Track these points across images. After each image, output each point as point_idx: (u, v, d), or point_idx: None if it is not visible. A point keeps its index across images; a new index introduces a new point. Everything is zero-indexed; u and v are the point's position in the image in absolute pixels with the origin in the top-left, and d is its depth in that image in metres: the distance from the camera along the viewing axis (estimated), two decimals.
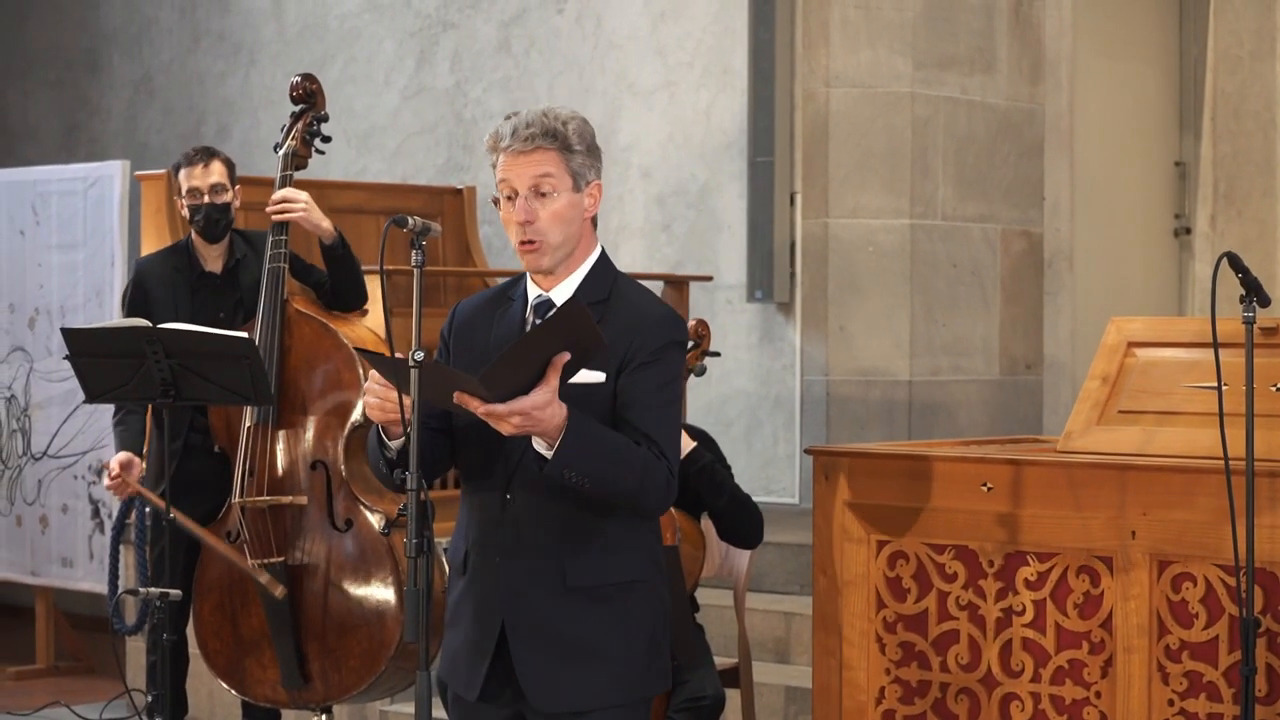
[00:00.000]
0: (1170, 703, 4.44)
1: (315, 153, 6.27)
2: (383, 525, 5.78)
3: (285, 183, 6.10)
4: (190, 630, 6.09)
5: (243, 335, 5.72)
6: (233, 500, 5.92)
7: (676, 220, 9.18)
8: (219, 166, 6.22)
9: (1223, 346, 4.33)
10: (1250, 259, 4.49)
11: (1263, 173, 9.47)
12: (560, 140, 3.79)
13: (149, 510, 6.54)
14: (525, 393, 3.60)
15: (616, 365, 3.78)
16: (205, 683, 7.20)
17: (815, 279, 8.72)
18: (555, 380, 3.60)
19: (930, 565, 4.73)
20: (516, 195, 3.80)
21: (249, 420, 5.95)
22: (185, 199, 6.21)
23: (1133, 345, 4.85)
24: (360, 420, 5.88)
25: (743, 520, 5.56)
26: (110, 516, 8.36)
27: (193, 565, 6.03)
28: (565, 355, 3.59)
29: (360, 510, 5.83)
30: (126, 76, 11.20)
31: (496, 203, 3.86)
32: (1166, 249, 9.81)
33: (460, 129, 9.89)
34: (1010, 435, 8.16)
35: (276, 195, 6.06)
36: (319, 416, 5.92)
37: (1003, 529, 4.62)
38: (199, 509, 6.00)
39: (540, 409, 3.60)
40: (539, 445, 3.68)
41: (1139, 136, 9.68)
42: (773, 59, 8.71)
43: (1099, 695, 4.52)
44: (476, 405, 3.61)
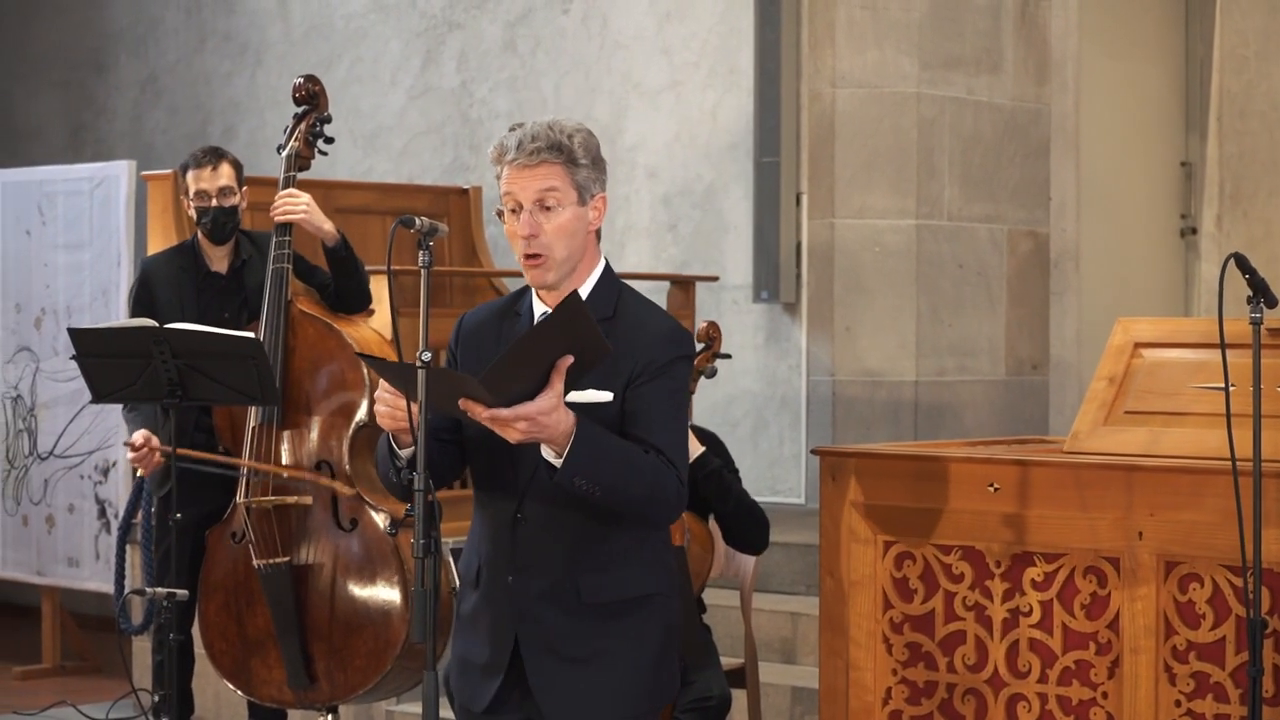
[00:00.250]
0: (1177, 703, 4.43)
1: (318, 154, 6.28)
2: (388, 524, 5.78)
3: (288, 184, 6.10)
4: (196, 630, 6.10)
5: (250, 336, 5.73)
6: (238, 500, 5.92)
7: (682, 220, 9.18)
8: (227, 169, 6.22)
9: (1230, 347, 4.32)
10: (1256, 259, 4.48)
11: (1269, 173, 9.46)
12: (565, 154, 3.77)
13: (155, 510, 6.54)
14: (530, 398, 3.59)
15: (624, 382, 3.77)
16: (211, 682, 7.20)
17: (821, 279, 8.71)
18: (560, 385, 3.59)
19: (937, 566, 4.73)
20: (521, 209, 3.78)
21: (254, 421, 5.95)
22: (192, 201, 6.21)
23: (1139, 346, 4.84)
24: (365, 420, 5.88)
25: (748, 526, 5.56)
26: (116, 516, 8.36)
27: (198, 565, 6.04)
28: (569, 359, 3.58)
29: (365, 510, 5.83)
30: (132, 77, 11.20)
31: (500, 215, 3.84)
32: (1172, 249, 9.80)
33: (466, 129, 9.89)
34: (1016, 436, 8.16)
35: (279, 196, 6.06)
36: (324, 417, 5.93)
37: (1009, 530, 4.61)
38: (204, 508, 6.01)
39: (546, 414, 3.58)
40: (547, 453, 3.66)
41: (1145, 137, 9.67)
42: (779, 59, 8.70)
43: (1106, 696, 4.52)
44: (480, 411, 3.60)
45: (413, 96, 10.09)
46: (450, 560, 5.13)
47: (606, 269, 3.90)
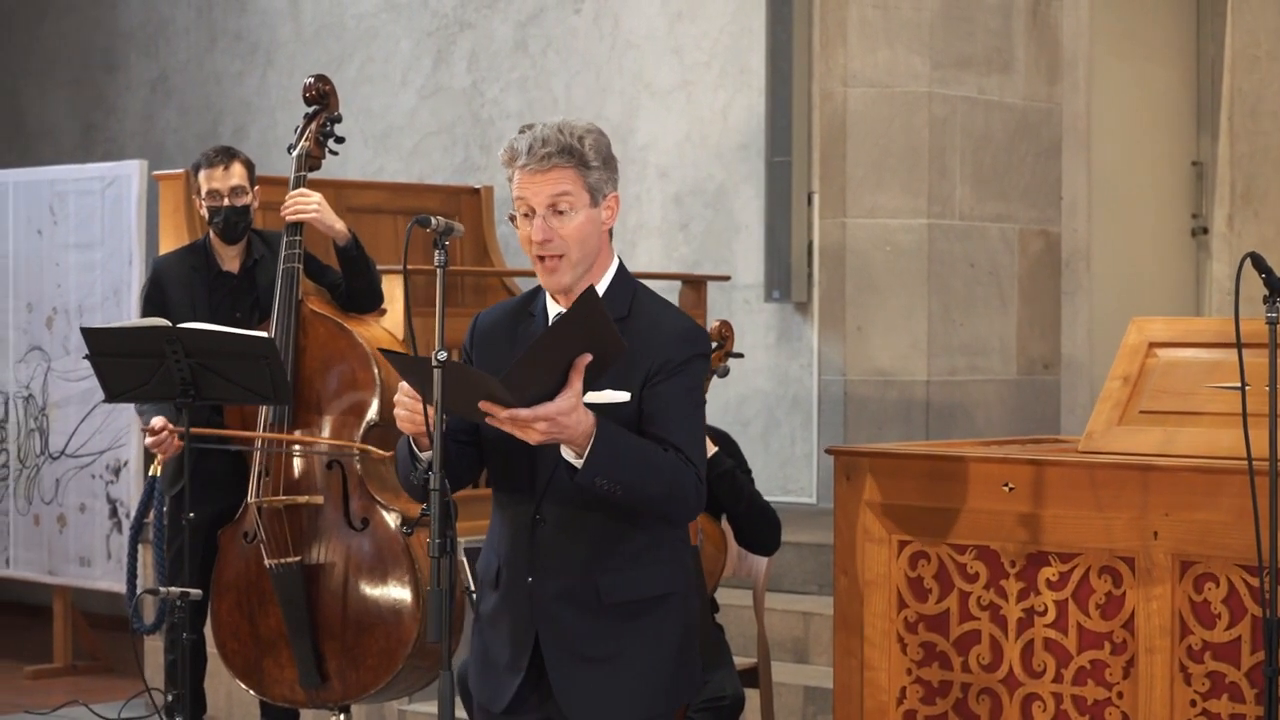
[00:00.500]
0: (1192, 703, 4.42)
1: (329, 153, 6.28)
2: (399, 523, 5.78)
3: (299, 184, 6.10)
4: (208, 629, 6.10)
5: (263, 335, 5.73)
6: (249, 500, 5.92)
7: (694, 220, 9.18)
8: (239, 168, 6.22)
9: (1245, 346, 4.31)
10: (1268, 259, 4.46)
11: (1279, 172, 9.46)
12: (577, 157, 3.76)
13: (167, 510, 6.54)
14: (548, 398, 3.59)
15: (640, 382, 3.77)
16: (223, 682, 7.20)
17: (832, 279, 8.71)
18: (579, 384, 3.59)
19: (952, 565, 4.72)
20: (534, 213, 3.77)
21: (265, 420, 5.95)
22: (204, 200, 6.21)
23: (1154, 346, 4.83)
24: (375, 420, 5.88)
25: (761, 526, 5.55)
26: (128, 516, 8.36)
27: (210, 564, 6.04)
28: (587, 357, 3.57)
29: (376, 509, 5.83)
30: (143, 76, 11.21)
31: (513, 219, 3.83)
32: (1183, 249, 9.79)
33: (477, 129, 9.88)
34: (1028, 435, 8.15)
35: (290, 195, 6.06)
36: (335, 416, 5.92)
37: (1024, 529, 4.60)
38: (215, 508, 6.01)
39: (566, 414, 3.58)
40: (568, 454, 3.66)
41: (1156, 136, 9.66)
42: (790, 59, 8.69)
43: (1121, 696, 4.51)
44: (500, 412, 3.59)
45: (423, 96, 10.09)
46: (464, 560, 5.13)
47: (620, 268, 3.90)
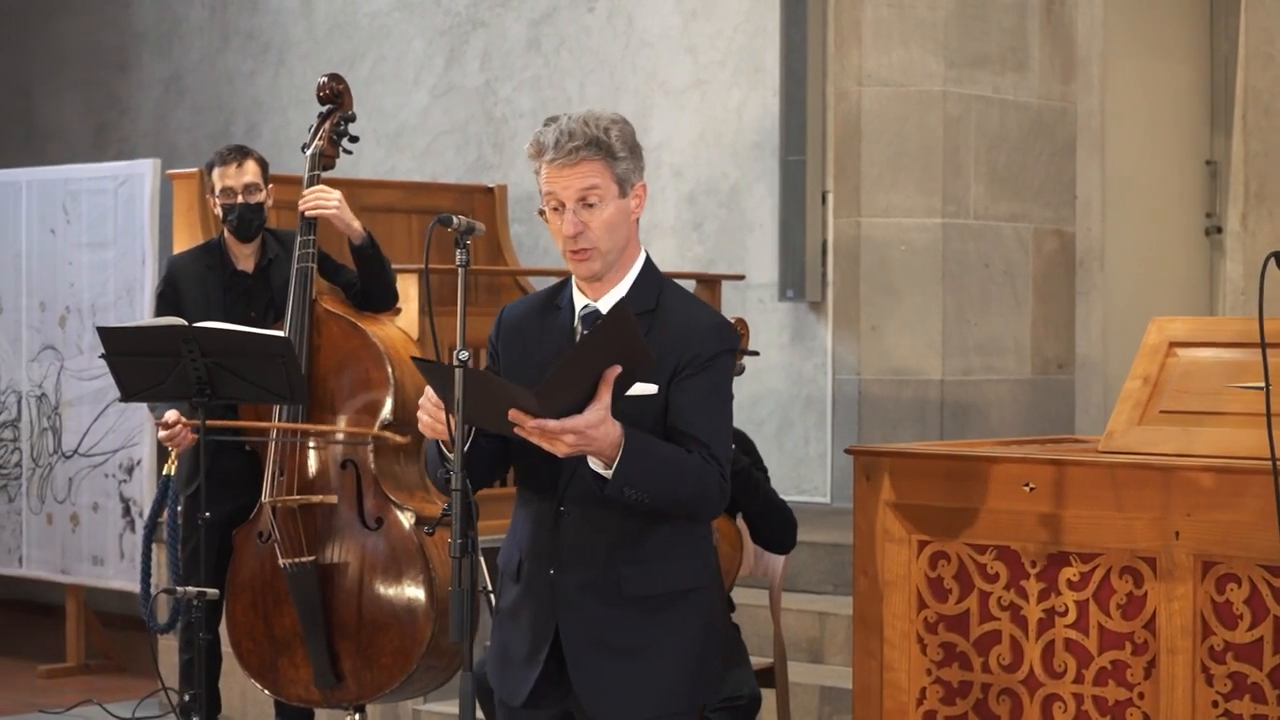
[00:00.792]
0: (1214, 704, 4.40)
1: (343, 153, 6.27)
2: (413, 523, 5.77)
3: (313, 183, 6.11)
4: (223, 629, 6.09)
5: (279, 334, 5.73)
6: (264, 500, 5.91)
7: (708, 219, 9.16)
8: (252, 166, 6.21)
9: (1269, 346, 4.29)
10: None
11: None
12: (604, 149, 3.78)
13: (181, 509, 6.54)
14: (577, 410, 3.60)
15: (668, 375, 3.78)
16: (238, 681, 7.20)
17: (847, 278, 8.70)
18: (608, 397, 3.61)
19: (972, 566, 4.70)
20: (563, 207, 3.79)
21: (279, 420, 5.94)
22: (218, 198, 6.20)
23: (1174, 345, 4.81)
24: (390, 419, 5.87)
25: (777, 525, 5.55)
26: (141, 515, 8.36)
27: (225, 564, 6.03)
28: (616, 369, 3.59)
29: (391, 509, 5.82)
30: (156, 75, 11.21)
31: (543, 214, 3.84)
32: (1197, 248, 9.77)
33: (490, 128, 9.87)
34: (1042, 434, 8.12)
35: (310, 191, 6.05)
36: (349, 415, 5.92)
37: (1045, 529, 4.58)
38: (230, 507, 6.00)
39: (594, 427, 3.60)
40: (595, 465, 3.68)
41: (1170, 135, 9.64)
42: (805, 58, 8.68)
43: (1142, 696, 4.49)
44: (528, 422, 3.59)
45: (436, 95, 10.08)
46: (481, 560, 5.12)
47: (648, 260, 3.92)
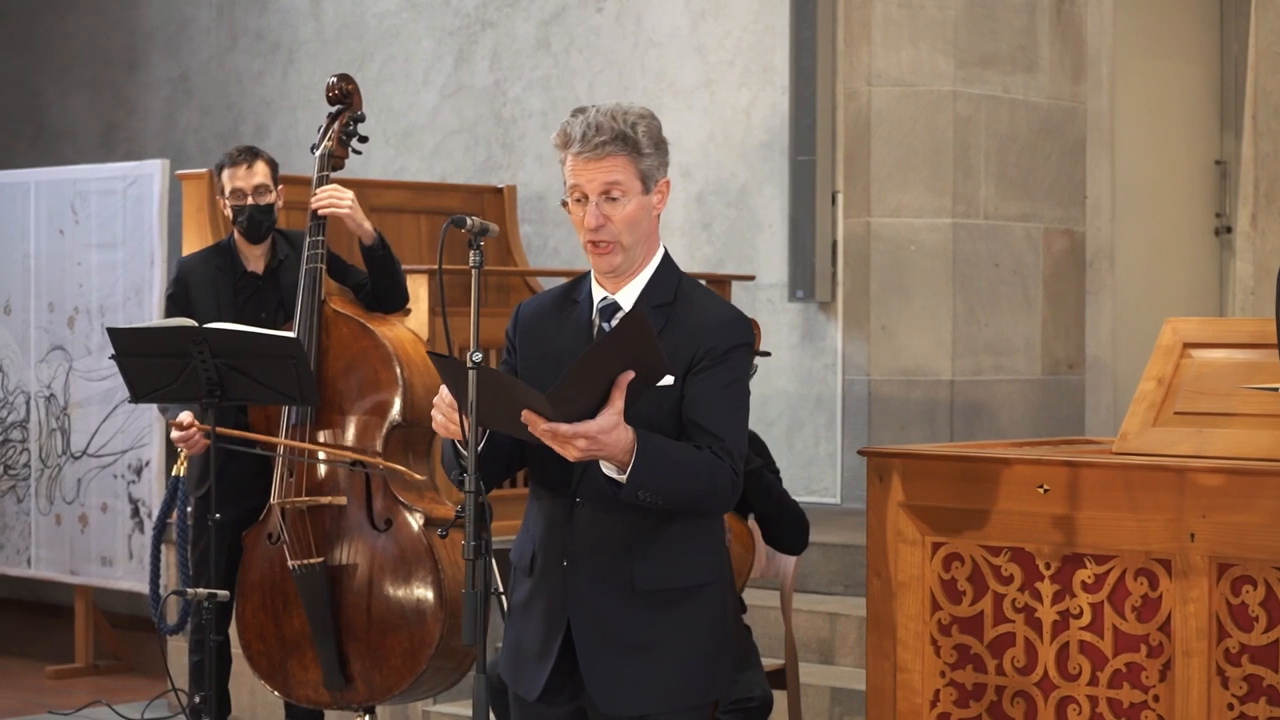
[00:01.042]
0: (1230, 706, 4.39)
1: (352, 153, 6.26)
2: (422, 524, 5.76)
3: (322, 183, 6.09)
4: (232, 630, 6.08)
5: (290, 335, 5.71)
6: (272, 502, 5.90)
7: (717, 219, 9.15)
8: (262, 167, 6.20)
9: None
10: None
11: None
12: (630, 144, 3.79)
13: (191, 510, 6.53)
14: (590, 413, 3.60)
15: (684, 368, 3.79)
16: (247, 682, 7.19)
17: (857, 278, 8.68)
18: (620, 402, 3.61)
19: (986, 567, 4.69)
20: (586, 199, 3.80)
21: (288, 421, 5.92)
22: (228, 200, 6.19)
23: (1188, 346, 4.80)
24: (399, 420, 5.86)
25: (789, 526, 5.54)
26: (150, 516, 8.36)
27: (235, 566, 6.02)
28: (630, 374, 3.59)
29: (400, 510, 5.81)
30: (164, 75, 11.20)
31: (565, 205, 3.86)
32: (1207, 248, 9.75)
33: (499, 128, 9.86)
34: (1052, 435, 8.11)
35: (323, 190, 6.03)
36: (358, 417, 5.90)
37: (1059, 531, 4.57)
38: (240, 509, 5.99)
39: (606, 433, 3.61)
40: (608, 469, 3.69)
41: (1180, 135, 9.63)
42: (814, 57, 8.66)
43: (1157, 699, 4.48)
44: (540, 425, 3.60)
45: (445, 95, 10.07)
46: (493, 562, 5.11)
47: (666, 255, 3.93)
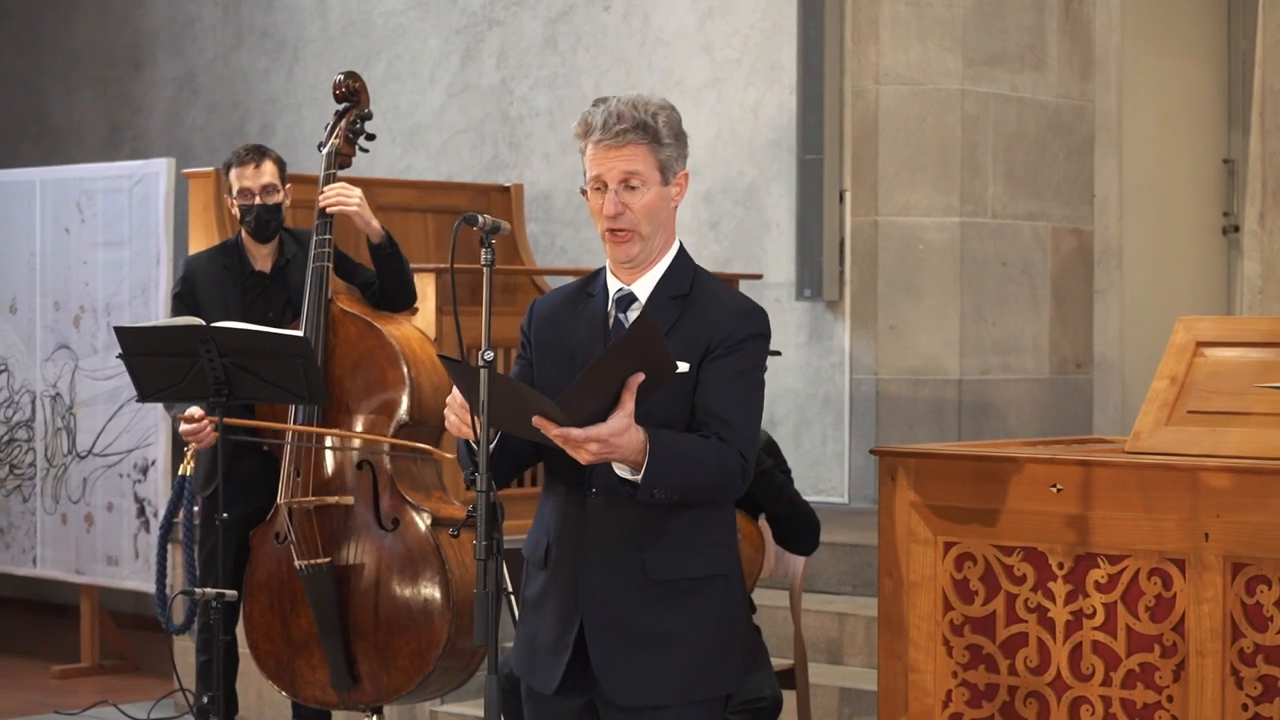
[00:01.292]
0: (1244, 707, 4.37)
1: (359, 151, 6.24)
2: (430, 523, 5.74)
3: (329, 181, 6.08)
4: (239, 630, 6.06)
5: (298, 334, 5.70)
6: (279, 501, 5.88)
7: (724, 218, 9.13)
8: (270, 166, 6.18)
9: None
10: None
11: None
12: (650, 134, 3.82)
13: (198, 510, 6.52)
14: (601, 416, 3.61)
15: (699, 356, 3.81)
16: (254, 682, 7.18)
17: (864, 277, 8.67)
18: (631, 404, 3.63)
19: (998, 567, 4.67)
20: (606, 188, 3.83)
21: (295, 420, 5.91)
22: (236, 199, 6.17)
23: (1201, 345, 4.78)
24: (406, 419, 5.85)
25: (799, 527, 5.53)
26: (156, 515, 8.34)
27: (242, 565, 6.00)
28: (640, 377, 3.61)
29: (407, 509, 5.79)
30: (170, 74, 11.18)
31: (584, 192, 3.89)
32: (1215, 247, 9.74)
33: (506, 127, 9.84)
34: (1060, 434, 8.09)
35: (331, 188, 6.01)
36: (365, 415, 5.89)
37: (1072, 530, 4.55)
38: (247, 508, 5.97)
39: (618, 435, 3.62)
40: (621, 470, 3.71)
41: (1187, 133, 9.61)
42: (822, 55, 8.64)
43: (1171, 699, 4.46)
44: (552, 429, 3.62)
45: (452, 94, 10.05)
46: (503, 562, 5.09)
47: (682, 248, 3.95)
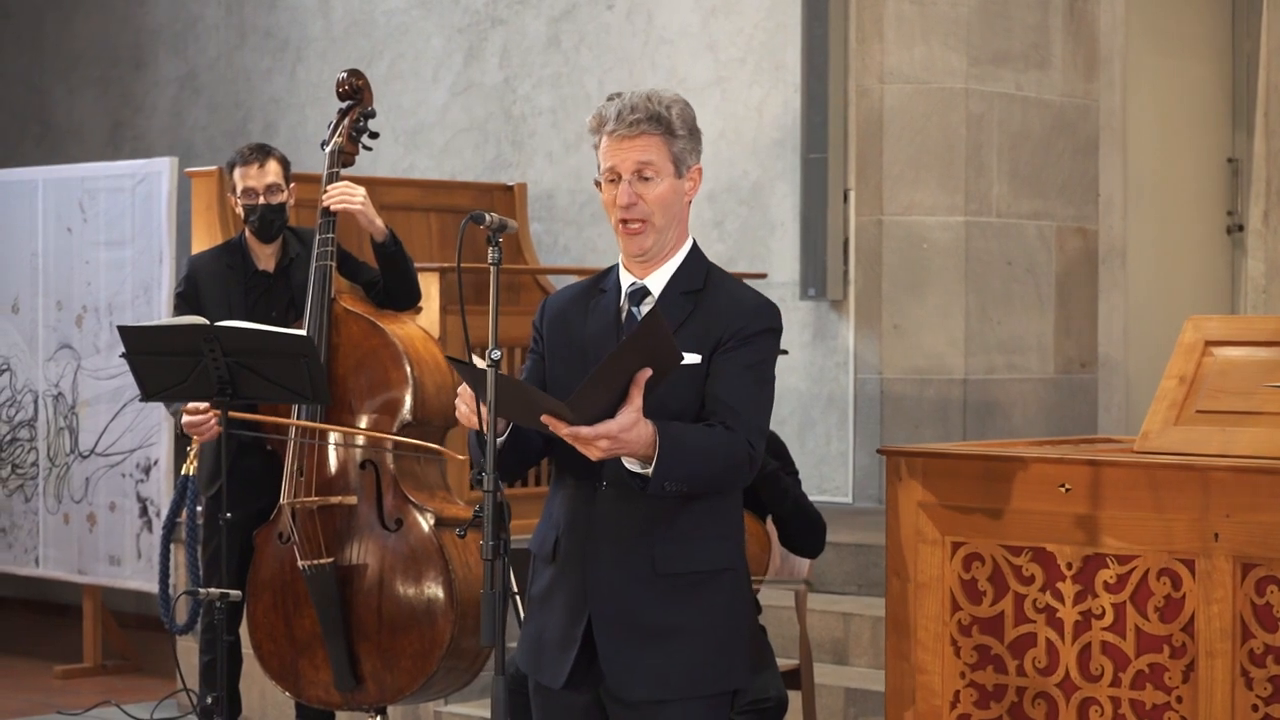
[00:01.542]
0: (1254, 708, 4.35)
1: (362, 149, 6.23)
2: (432, 524, 5.72)
3: (332, 179, 6.06)
4: (243, 630, 6.05)
5: (302, 333, 5.68)
6: (283, 502, 5.86)
7: (729, 217, 9.12)
8: (274, 166, 6.16)
9: None
10: None
11: None
12: (664, 125, 3.84)
13: (201, 509, 6.50)
14: (610, 412, 3.62)
15: (712, 347, 3.82)
16: (257, 682, 7.16)
17: (869, 276, 8.65)
18: (639, 399, 3.64)
19: (1006, 567, 4.65)
20: (619, 179, 3.84)
21: (299, 420, 5.89)
22: (240, 199, 6.16)
23: (1210, 344, 4.76)
24: (410, 419, 5.83)
25: (805, 529, 5.51)
26: (158, 515, 8.33)
27: (246, 565, 5.99)
28: (648, 372, 3.62)
29: (410, 509, 5.78)
30: (172, 73, 11.17)
31: (598, 185, 3.89)
32: (1219, 246, 9.72)
33: (509, 126, 9.83)
34: (1065, 433, 8.07)
35: (335, 186, 5.99)
36: (368, 415, 5.88)
37: (1081, 531, 4.53)
38: (251, 508, 5.96)
39: (627, 430, 3.63)
40: (631, 464, 3.71)
41: (1191, 133, 9.60)
42: (826, 54, 8.63)
43: (1180, 700, 4.44)
44: (562, 428, 3.62)
45: (455, 93, 10.04)
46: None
47: (695, 245, 3.97)
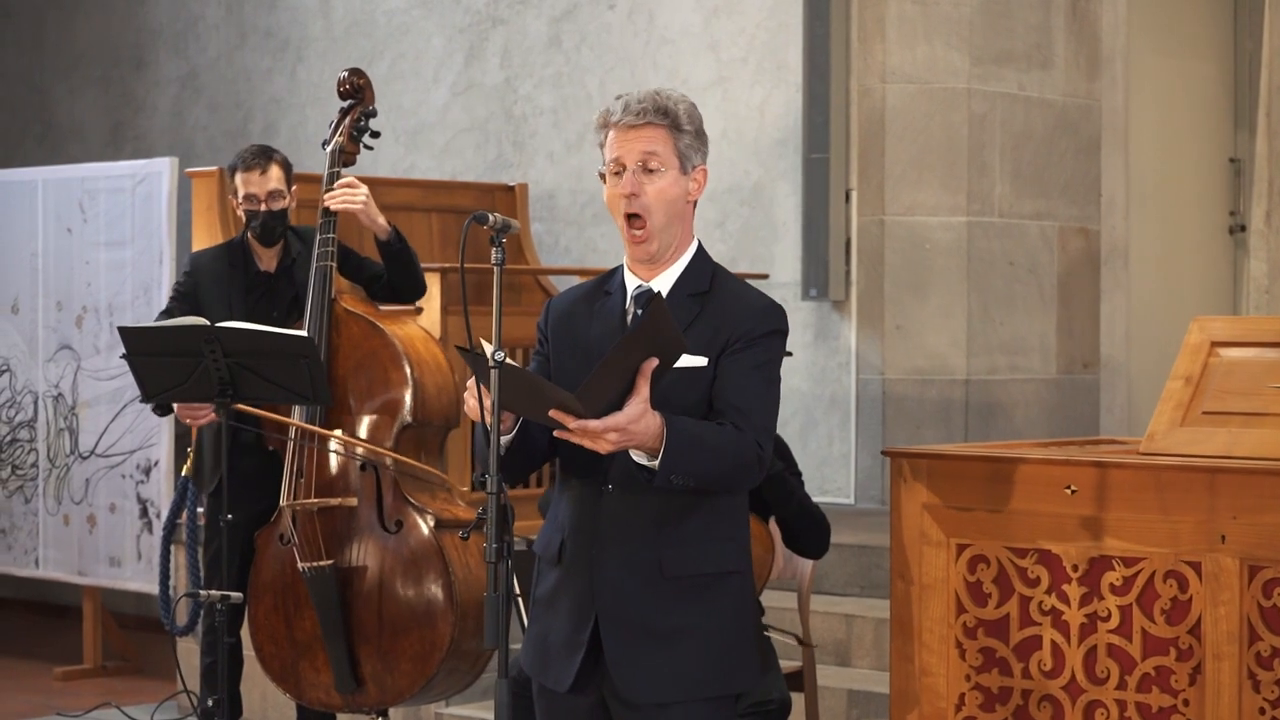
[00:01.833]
0: (1261, 711, 4.33)
1: (363, 148, 6.21)
2: (432, 526, 5.71)
3: (333, 179, 6.05)
4: (244, 632, 6.04)
5: (303, 334, 5.66)
6: (283, 504, 5.85)
7: (730, 217, 9.10)
8: (276, 171, 6.15)
9: None
10: None
11: None
12: (671, 118, 3.84)
13: (202, 511, 6.48)
14: (617, 405, 3.61)
15: (719, 349, 3.81)
16: (258, 684, 7.14)
17: (871, 277, 8.63)
18: (646, 390, 3.63)
19: (1012, 569, 4.64)
20: (624, 170, 3.83)
21: (298, 420, 5.87)
22: (242, 204, 6.14)
23: (1216, 345, 4.74)
24: (410, 420, 5.81)
25: (810, 530, 5.50)
26: (158, 516, 8.32)
27: (247, 567, 5.97)
28: (654, 362, 3.62)
29: (410, 511, 5.77)
30: (173, 73, 11.15)
31: (603, 178, 3.88)
32: (1221, 246, 9.71)
33: (510, 126, 9.81)
34: (1067, 434, 8.06)
35: (338, 184, 5.97)
36: (368, 416, 5.87)
37: (1087, 532, 4.52)
38: (252, 509, 5.94)
39: (635, 422, 3.62)
40: (638, 457, 3.70)
41: (1194, 133, 9.59)
42: (828, 54, 8.62)
43: (1187, 703, 4.42)
44: (570, 422, 3.62)
45: (455, 93, 10.02)
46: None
47: (701, 247, 3.95)
